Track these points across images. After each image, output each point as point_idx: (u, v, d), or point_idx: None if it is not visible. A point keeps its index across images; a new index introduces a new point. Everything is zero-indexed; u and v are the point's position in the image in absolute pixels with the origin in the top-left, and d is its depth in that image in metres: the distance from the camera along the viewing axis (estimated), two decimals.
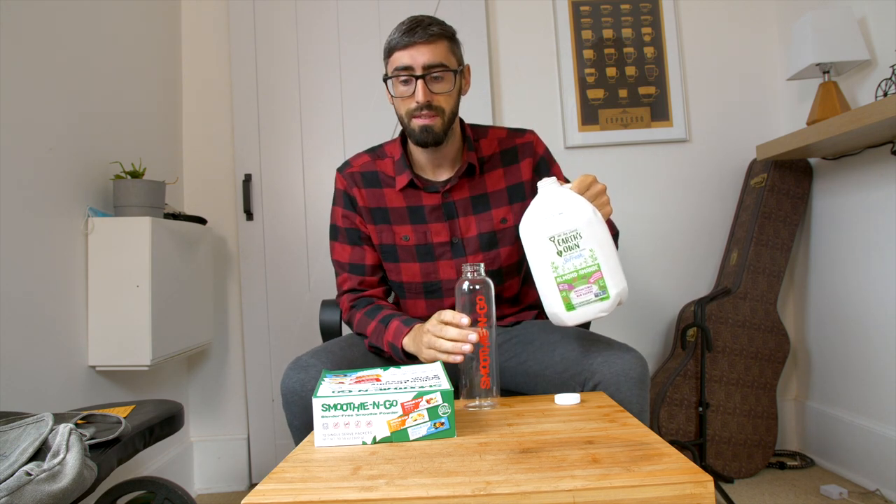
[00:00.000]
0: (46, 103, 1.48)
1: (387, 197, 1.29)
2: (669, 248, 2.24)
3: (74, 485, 0.85)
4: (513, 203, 1.28)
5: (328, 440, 0.81)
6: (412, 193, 1.27)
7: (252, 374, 2.15)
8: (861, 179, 1.84)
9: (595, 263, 0.98)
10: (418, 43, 1.14)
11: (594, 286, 0.98)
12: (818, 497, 1.77)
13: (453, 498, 0.62)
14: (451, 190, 1.26)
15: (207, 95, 2.22)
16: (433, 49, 1.15)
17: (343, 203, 1.32)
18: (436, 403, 0.81)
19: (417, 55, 1.14)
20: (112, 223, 1.61)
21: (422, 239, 1.27)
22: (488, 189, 1.28)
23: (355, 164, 1.33)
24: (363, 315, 1.27)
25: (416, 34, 1.14)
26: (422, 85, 1.15)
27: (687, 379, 1.96)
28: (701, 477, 0.62)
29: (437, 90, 1.17)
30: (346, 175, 1.32)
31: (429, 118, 1.17)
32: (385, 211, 1.29)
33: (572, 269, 0.98)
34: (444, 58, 1.16)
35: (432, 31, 1.15)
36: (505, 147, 1.30)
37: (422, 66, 1.15)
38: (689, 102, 2.25)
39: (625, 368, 1.04)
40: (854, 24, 1.74)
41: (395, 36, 1.17)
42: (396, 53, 1.16)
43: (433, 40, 1.15)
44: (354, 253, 1.32)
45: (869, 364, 1.81)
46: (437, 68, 1.15)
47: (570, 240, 0.98)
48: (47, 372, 1.44)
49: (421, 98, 1.15)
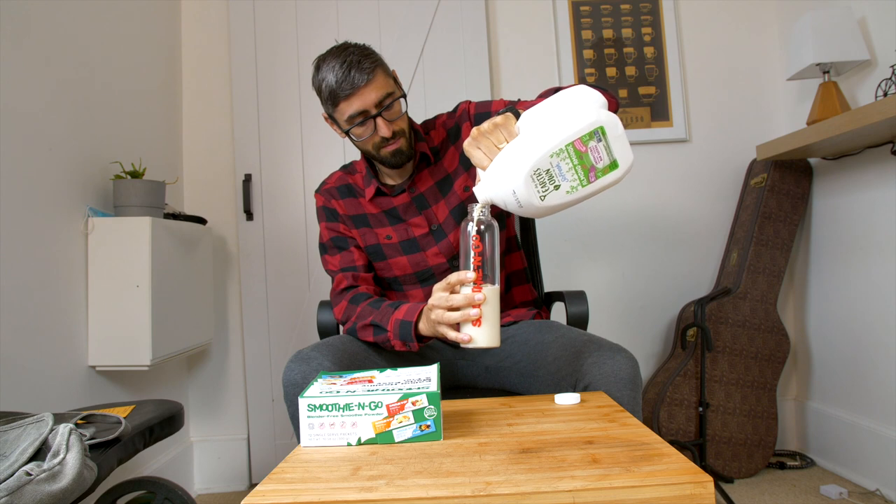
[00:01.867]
0: (46, 103, 1.48)
1: (363, 205, 1.35)
2: (669, 248, 2.24)
3: (74, 485, 0.85)
4: (468, 169, 1.31)
5: (314, 440, 0.82)
6: (383, 200, 1.33)
7: (252, 374, 2.15)
8: (861, 179, 1.84)
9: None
10: (361, 87, 1.14)
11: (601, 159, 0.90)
12: (818, 497, 1.77)
13: (453, 498, 0.62)
14: (416, 183, 1.31)
15: (207, 95, 2.22)
16: (376, 85, 1.16)
17: (325, 217, 1.37)
18: (421, 406, 0.81)
19: (366, 97, 1.15)
20: (112, 223, 1.61)
21: (403, 235, 1.32)
22: (448, 170, 1.32)
23: (329, 182, 1.39)
24: (366, 305, 1.25)
25: (354, 78, 1.13)
26: (382, 122, 1.17)
27: (687, 379, 1.96)
28: (701, 477, 0.62)
29: (394, 117, 1.20)
30: (322, 192, 1.38)
31: (395, 143, 1.21)
32: (364, 217, 1.34)
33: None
34: (388, 86, 1.18)
35: (366, 67, 1.14)
36: (449, 126, 1.34)
37: (374, 105, 1.16)
38: (689, 102, 2.25)
39: (615, 370, 1.04)
40: (854, 24, 1.74)
41: (331, 81, 1.15)
42: (343, 103, 1.16)
43: (372, 76, 1.15)
44: (344, 258, 1.35)
45: (869, 364, 1.81)
46: (386, 99, 1.17)
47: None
48: (47, 372, 1.44)
49: (386, 133, 1.18)
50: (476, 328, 0.93)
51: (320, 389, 0.85)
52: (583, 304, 1.37)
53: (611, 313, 2.21)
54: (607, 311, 2.21)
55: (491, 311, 0.93)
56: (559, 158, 0.88)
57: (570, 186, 0.90)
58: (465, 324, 0.94)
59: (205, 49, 2.23)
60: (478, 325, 0.93)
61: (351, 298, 1.29)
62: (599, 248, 2.23)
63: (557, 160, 0.88)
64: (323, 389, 0.85)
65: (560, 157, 0.88)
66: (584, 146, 0.89)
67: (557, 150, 0.88)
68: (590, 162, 0.91)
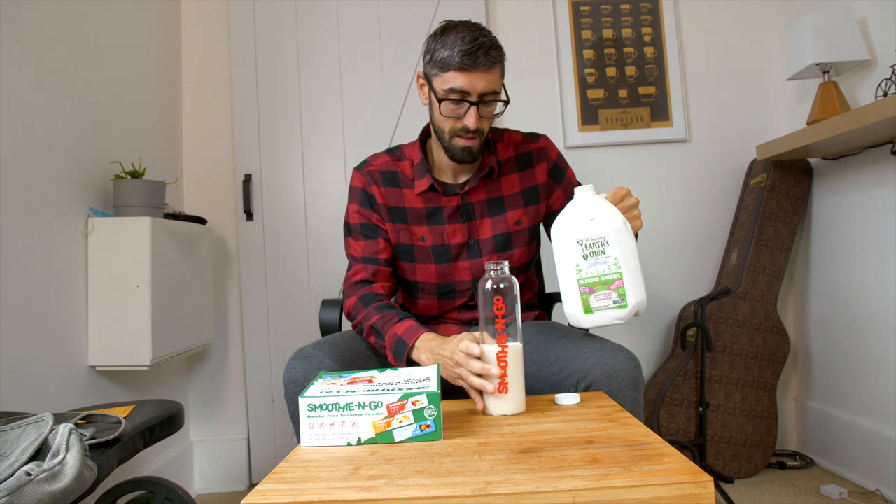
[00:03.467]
0: (46, 103, 1.48)
1: (406, 197, 1.30)
2: (669, 248, 2.24)
3: (74, 485, 0.85)
4: (527, 206, 1.30)
5: (314, 440, 0.82)
6: (432, 196, 1.29)
7: (252, 373, 2.15)
8: (861, 179, 1.84)
9: (618, 272, 1.00)
10: (480, 70, 1.12)
11: (614, 293, 1.00)
12: (818, 497, 1.77)
13: (453, 498, 0.62)
14: (470, 192, 1.28)
15: (207, 95, 2.22)
16: (491, 77, 1.14)
17: (360, 200, 1.31)
18: (421, 405, 0.81)
19: (476, 82, 1.13)
20: (112, 223, 1.61)
21: (438, 240, 1.29)
22: (504, 192, 1.30)
23: (374, 163, 1.33)
24: (373, 308, 1.23)
25: (478, 59, 1.11)
26: (475, 112, 1.15)
27: (687, 379, 1.96)
28: (701, 477, 0.62)
29: (486, 115, 1.18)
30: (364, 173, 1.32)
31: (470, 140, 1.19)
32: (403, 211, 1.30)
33: (595, 274, 1.01)
34: (498, 84, 1.17)
35: (493, 56, 1.13)
36: (521, 151, 1.33)
37: (478, 94, 1.14)
38: (689, 102, 2.25)
39: (617, 369, 1.04)
40: (854, 24, 1.74)
41: (452, 52, 1.12)
42: (452, 73, 1.13)
43: (493, 68, 1.13)
44: (368, 247, 1.30)
45: (869, 364, 1.81)
46: (490, 95, 1.15)
47: (597, 245, 1.00)
48: (47, 372, 1.44)
49: (472, 125, 1.16)
50: (502, 395, 0.92)
51: (320, 389, 0.85)
52: None
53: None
54: None
55: (516, 374, 0.93)
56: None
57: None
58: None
59: (205, 49, 2.23)
60: (504, 391, 0.92)
61: (361, 297, 1.26)
62: None
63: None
64: (323, 389, 0.85)
65: None
66: None
67: None
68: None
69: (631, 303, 1.00)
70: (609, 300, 1.01)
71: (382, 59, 2.19)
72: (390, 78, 2.18)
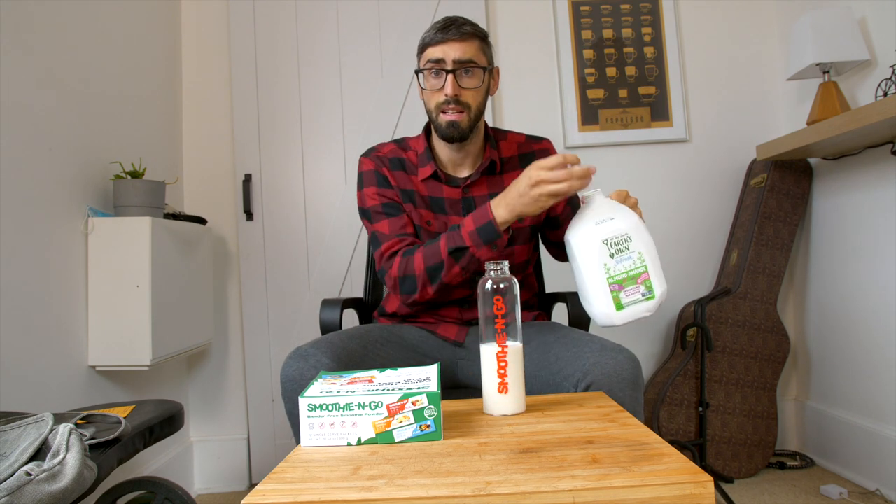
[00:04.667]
0: (46, 103, 1.48)
1: (414, 182, 1.33)
2: (669, 248, 2.24)
3: (74, 485, 0.85)
4: None
5: (314, 440, 0.82)
6: (434, 185, 1.32)
7: (252, 373, 2.15)
8: (861, 179, 1.84)
9: (643, 265, 1.04)
10: (451, 39, 1.20)
11: (641, 286, 1.04)
12: (818, 497, 1.77)
13: (453, 498, 0.62)
14: (472, 185, 1.31)
15: (207, 95, 2.22)
16: (464, 46, 1.21)
17: (376, 182, 1.31)
18: (421, 405, 0.81)
19: (449, 50, 1.20)
20: (112, 223, 1.61)
21: (442, 228, 1.30)
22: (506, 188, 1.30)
23: (381, 150, 1.37)
24: (424, 247, 1.20)
25: (449, 31, 1.20)
26: (451, 79, 1.20)
27: (687, 379, 1.96)
28: (701, 477, 0.62)
29: (466, 85, 1.22)
30: (373, 158, 1.35)
31: (456, 114, 1.22)
32: (412, 193, 1.32)
33: (623, 271, 1.03)
34: (475, 55, 1.22)
35: (465, 29, 1.21)
36: (523, 151, 1.36)
37: (453, 61, 1.20)
38: (689, 102, 2.25)
39: (617, 369, 1.04)
40: (854, 24, 1.74)
41: (429, 33, 1.23)
42: (429, 49, 1.22)
43: (465, 38, 1.21)
44: (395, 223, 1.29)
45: (869, 364, 1.81)
46: (467, 63, 1.21)
47: (622, 243, 1.03)
48: (47, 372, 1.44)
49: (450, 91, 1.21)
50: (502, 395, 0.92)
51: (320, 389, 0.85)
52: None
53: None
54: None
55: (516, 374, 0.93)
56: None
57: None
58: (490, 390, 0.93)
59: (205, 49, 2.23)
60: (504, 391, 0.92)
61: (405, 252, 1.24)
62: None
63: None
64: (323, 389, 0.85)
65: None
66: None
67: None
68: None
69: (658, 292, 1.04)
70: (638, 294, 1.04)
71: (382, 59, 2.19)
72: (390, 78, 2.18)
